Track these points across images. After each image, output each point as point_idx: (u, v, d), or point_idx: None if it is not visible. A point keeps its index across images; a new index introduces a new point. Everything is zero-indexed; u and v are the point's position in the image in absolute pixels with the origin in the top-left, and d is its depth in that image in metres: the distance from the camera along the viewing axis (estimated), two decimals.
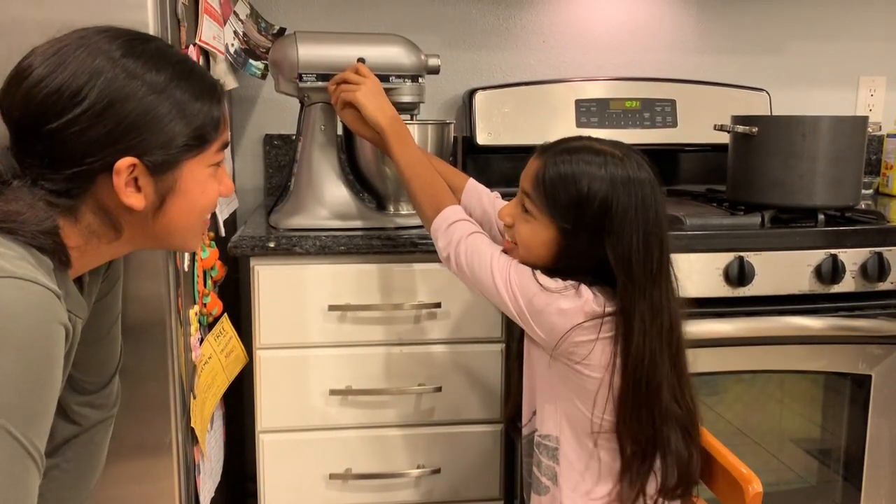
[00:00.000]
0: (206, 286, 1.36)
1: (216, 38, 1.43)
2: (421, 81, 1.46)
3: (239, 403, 1.83)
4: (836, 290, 1.48)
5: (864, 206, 1.66)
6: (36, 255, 0.76)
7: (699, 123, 1.93)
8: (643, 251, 0.99)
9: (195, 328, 1.28)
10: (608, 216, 0.99)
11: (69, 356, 0.89)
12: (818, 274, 1.46)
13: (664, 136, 1.93)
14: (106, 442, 1.09)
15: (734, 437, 1.60)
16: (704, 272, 1.44)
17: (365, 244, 1.40)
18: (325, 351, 1.44)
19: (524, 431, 1.16)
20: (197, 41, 1.31)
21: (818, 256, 1.47)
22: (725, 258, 1.44)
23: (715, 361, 1.48)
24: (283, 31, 1.81)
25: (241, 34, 1.65)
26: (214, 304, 1.40)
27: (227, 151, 1.04)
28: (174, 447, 1.19)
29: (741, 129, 1.57)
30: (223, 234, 1.49)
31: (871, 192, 2.03)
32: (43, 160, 0.78)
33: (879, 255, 1.47)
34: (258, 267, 1.40)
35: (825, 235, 1.49)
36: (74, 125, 0.77)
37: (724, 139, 1.67)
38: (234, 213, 1.75)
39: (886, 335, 1.50)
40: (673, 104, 1.95)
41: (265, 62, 1.71)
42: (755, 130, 1.55)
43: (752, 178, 1.58)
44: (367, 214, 1.47)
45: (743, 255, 1.43)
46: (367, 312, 1.42)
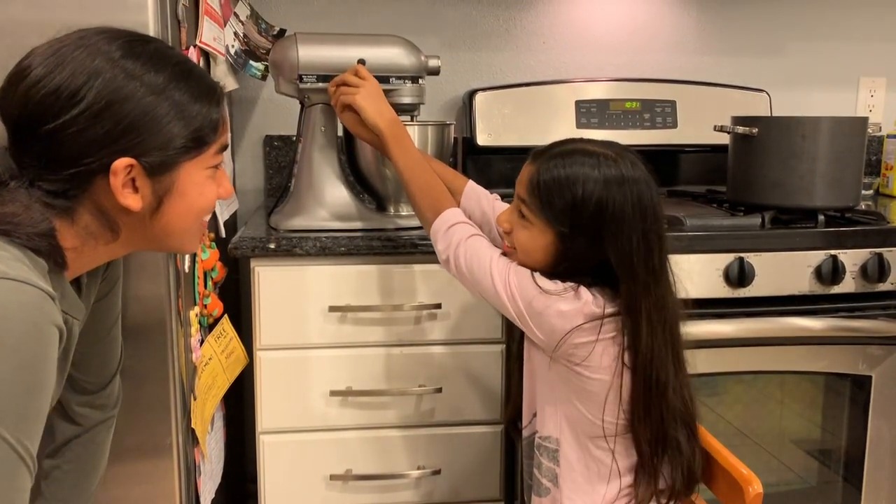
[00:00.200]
0: (206, 287, 1.36)
1: (216, 39, 1.43)
2: (421, 82, 1.46)
3: (239, 404, 1.83)
4: (836, 290, 1.48)
5: (864, 206, 1.66)
6: (31, 256, 0.75)
7: (699, 124, 1.93)
8: (644, 249, 0.99)
9: (195, 329, 1.28)
10: (605, 217, 0.99)
11: (66, 357, 0.89)
12: (818, 275, 1.46)
13: (664, 136, 1.93)
14: (107, 442, 1.09)
15: (734, 437, 1.60)
16: (704, 273, 1.44)
17: (365, 245, 1.40)
18: (325, 352, 1.44)
19: (524, 433, 1.16)
20: (197, 42, 1.31)
21: (818, 257, 1.47)
22: (725, 259, 1.44)
23: (715, 362, 1.48)
24: (283, 32, 1.81)
25: (241, 35, 1.66)
26: (215, 305, 1.40)
27: (227, 152, 1.04)
28: (175, 448, 1.19)
29: (741, 129, 1.57)
30: (224, 235, 1.49)
31: (871, 192, 2.03)
32: (41, 161, 0.78)
33: (879, 255, 1.47)
34: (258, 268, 1.40)
35: (825, 236, 1.48)
36: (72, 126, 0.77)
37: (724, 140, 1.67)
38: (234, 214, 1.75)
39: (887, 336, 1.50)
40: (673, 105, 1.95)
41: (265, 63, 1.71)
42: (755, 131, 1.55)
43: (752, 178, 1.58)
44: (367, 215, 1.47)
45: (743, 255, 1.43)
46: (367, 313, 1.42)
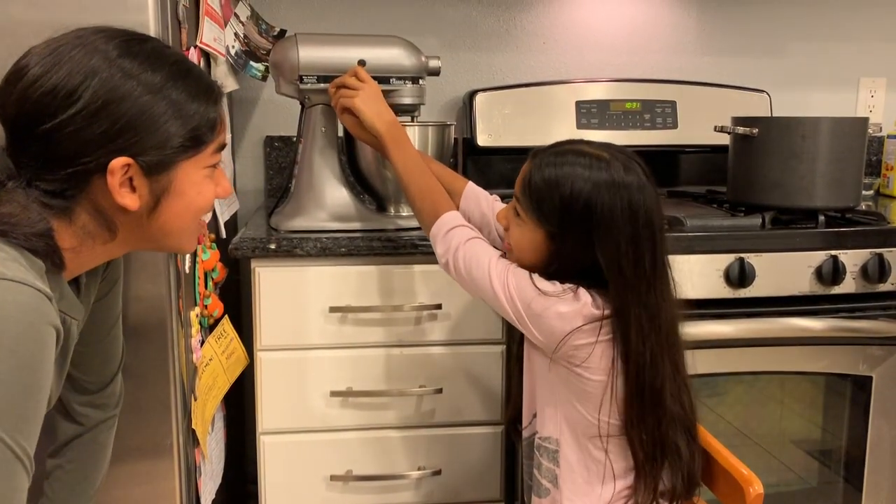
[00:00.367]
0: (206, 288, 1.36)
1: (217, 39, 1.43)
2: (421, 83, 1.46)
3: (240, 405, 1.83)
4: (836, 291, 1.48)
5: (864, 207, 1.66)
6: (28, 257, 0.75)
7: (699, 124, 1.93)
8: (632, 254, 0.98)
9: (196, 330, 1.28)
10: (593, 219, 0.99)
11: (65, 357, 0.89)
12: (819, 275, 1.46)
13: (664, 137, 1.93)
14: (109, 442, 1.09)
15: (735, 438, 1.60)
16: (705, 273, 1.44)
17: (365, 246, 1.40)
18: (325, 352, 1.44)
19: (524, 434, 1.16)
20: (198, 43, 1.31)
21: (819, 257, 1.46)
22: (726, 259, 1.44)
23: (715, 363, 1.48)
24: (283, 32, 1.81)
25: (241, 36, 1.66)
26: (215, 305, 1.40)
27: (227, 153, 1.04)
28: (175, 449, 1.19)
29: (741, 130, 1.57)
30: (224, 235, 1.49)
31: (871, 193, 2.03)
32: (38, 160, 0.78)
33: (880, 256, 1.47)
34: (259, 268, 1.40)
35: (826, 237, 1.48)
36: (69, 125, 0.76)
37: (724, 140, 1.67)
38: (234, 214, 1.75)
39: (887, 336, 1.50)
40: (673, 105, 1.95)
41: (266, 64, 1.71)
42: (755, 132, 1.55)
43: (752, 179, 1.58)
44: (367, 216, 1.47)
45: (743, 256, 1.43)
46: (367, 314, 1.42)
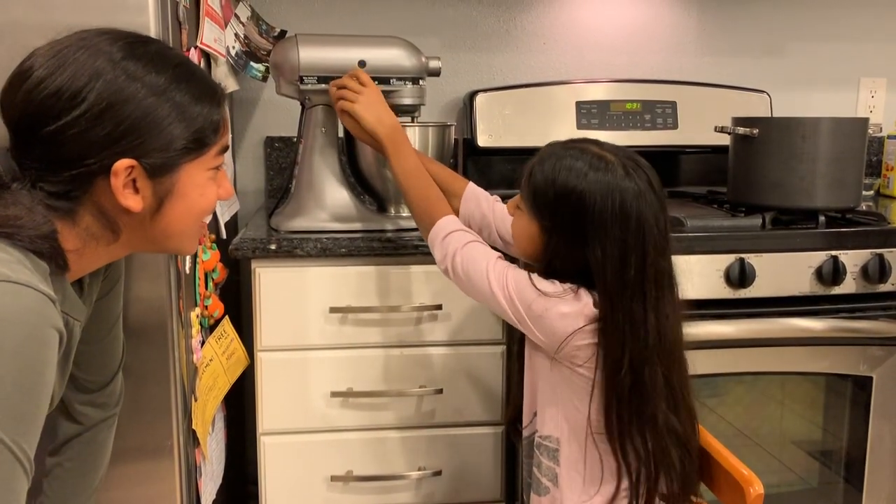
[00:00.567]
0: (207, 288, 1.36)
1: (217, 40, 1.43)
2: (422, 83, 1.46)
3: (240, 405, 1.83)
4: (836, 291, 1.48)
5: (864, 207, 1.66)
6: (33, 259, 0.75)
7: (700, 125, 1.93)
8: (618, 259, 0.97)
9: (196, 330, 1.28)
10: (584, 218, 0.98)
11: (67, 359, 0.89)
12: (819, 275, 1.46)
13: (665, 137, 1.93)
14: (109, 441, 1.09)
15: (735, 438, 1.60)
16: (705, 274, 1.44)
17: (366, 246, 1.40)
18: (326, 353, 1.44)
19: (525, 433, 1.16)
20: (198, 44, 1.31)
21: (819, 258, 1.46)
22: (726, 260, 1.44)
23: (716, 363, 1.48)
24: (283, 33, 1.81)
25: (242, 37, 1.66)
26: (216, 306, 1.40)
27: (228, 154, 1.04)
28: (175, 449, 1.19)
29: (742, 130, 1.57)
30: (224, 236, 1.49)
31: (871, 193, 2.03)
32: (42, 162, 0.78)
33: (880, 256, 1.47)
34: (259, 269, 1.40)
35: (826, 237, 1.48)
36: (73, 127, 0.77)
37: (724, 141, 1.67)
38: (235, 215, 1.75)
39: (887, 336, 1.50)
40: (673, 106, 1.95)
41: (266, 64, 1.71)
42: (756, 132, 1.55)
43: (752, 179, 1.58)
44: (367, 216, 1.47)
45: (744, 256, 1.43)
46: (368, 314, 1.42)
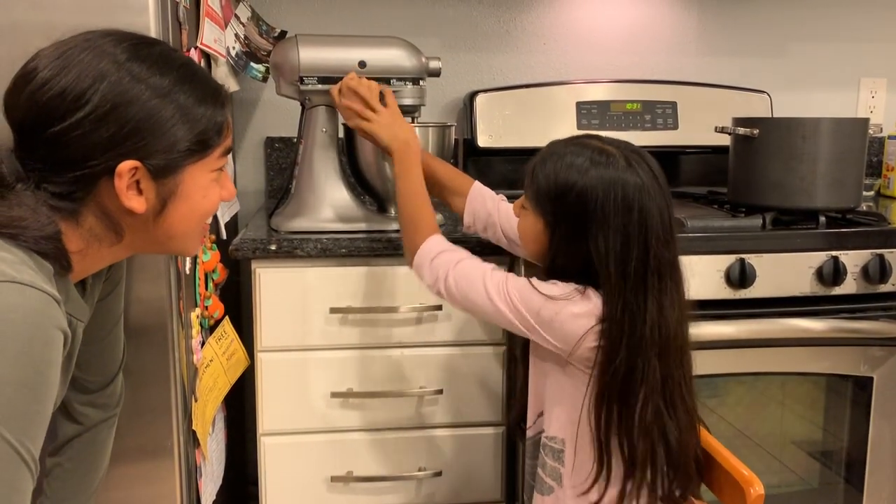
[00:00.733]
0: (207, 289, 1.36)
1: (217, 41, 1.43)
2: (422, 84, 1.46)
3: (240, 406, 1.83)
4: (837, 291, 1.48)
5: (865, 207, 1.66)
6: (37, 259, 0.76)
7: (700, 125, 1.93)
8: (620, 252, 0.97)
9: (197, 331, 1.28)
10: (587, 211, 0.98)
11: (70, 360, 0.89)
12: (819, 276, 1.46)
13: (665, 138, 1.93)
14: (109, 442, 1.09)
15: (735, 439, 1.60)
16: (705, 274, 1.43)
17: (366, 247, 1.40)
18: (326, 353, 1.44)
19: (529, 433, 1.16)
20: (198, 44, 1.31)
21: (819, 258, 1.46)
22: (727, 260, 1.44)
23: (716, 363, 1.48)
24: (284, 33, 1.81)
25: (242, 37, 1.66)
26: (216, 306, 1.40)
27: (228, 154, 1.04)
28: (175, 450, 1.19)
29: (742, 131, 1.57)
30: (225, 236, 1.49)
31: (872, 193, 2.03)
32: (46, 163, 0.78)
33: (881, 256, 1.47)
34: (259, 269, 1.40)
35: (826, 237, 1.48)
36: (78, 128, 0.77)
37: (725, 141, 1.67)
38: (235, 215, 1.75)
39: (888, 337, 1.50)
40: (674, 106, 1.95)
41: (266, 65, 1.71)
42: (756, 132, 1.55)
43: (752, 180, 1.58)
44: (368, 217, 1.47)
45: (744, 256, 1.43)
46: (368, 315, 1.42)
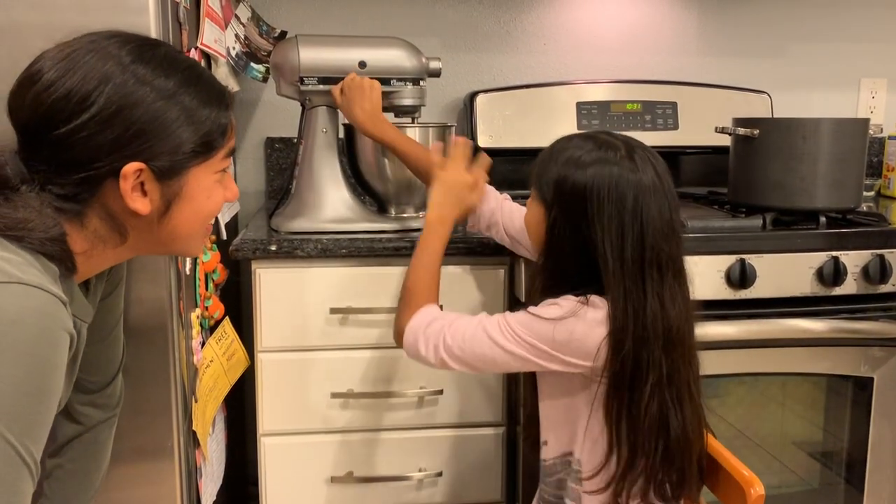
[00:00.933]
0: (207, 289, 1.36)
1: (217, 41, 1.43)
2: (422, 84, 1.46)
3: (240, 406, 1.83)
4: (837, 292, 1.48)
5: (865, 208, 1.66)
6: (43, 261, 0.76)
7: (700, 126, 1.93)
8: (617, 241, 0.97)
9: (197, 331, 1.28)
10: (586, 200, 0.98)
11: (75, 361, 0.89)
12: (820, 276, 1.46)
13: (665, 138, 1.93)
14: (109, 442, 1.09)
15: (736, 439, 1.59)
16: (706, 274, 1.43)
17: (366, 247, 1.40)
18: (326, 354, 1.44)
19: (545, 455, 1.12)
20: (198, 44, 1.31)
21: (820, 259, 1.46)
22: (727, 260, 1.43)
23: (717, 364, 1.48)
24: (284, 34, 1.81)
25: (242, 37, 1.66)
26: (216, 307, 1.40)
27: None
28: (176, 450, 1.19)
29: (742, 131, 1.57)
30: (225, 237, 1.49)
31: (872, 194, 2.03)
32: (51, 165, 0.78)
33: (881, 257, 1.47)
34: (260, 270, 1.40)
35: (827, 238, 1.48)
36: (83, 130, 0.77)
37: (725, 141, 1.67)
38: (235, 216, 1.75)
39: (888, 337, 1.50)
40: (674, 106, 1.95)
41: (266, 65, 1.71)
42: (756, 133, 1.55)
43: (753, 180, 1.58)
44: (368, 217, 1.47)
45: (744, 257, 1.43)
46: (368, 315, 1.42)
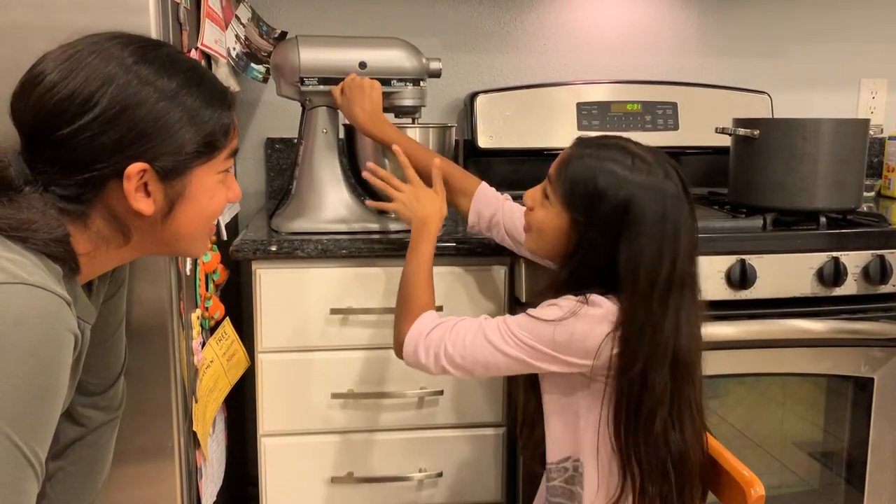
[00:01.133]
0: (208, 290, 1.36)
1: (218, 42, 1.43)
2: (422, 85, 1.46)
3: (241, 407, 1.83)
4: (838, 292, 1.48)
5: (865, 208, 1.66)
6: (47, 262, 0.76)
7: (701, 126, 1.93)
8: (651, 262, 0.97)
9: (197, 332, 1.28)
10: (626, 218, 0.97)
11: (78, 362, 0.89)
12: (820, 276, 1.46)
13: (666, 138, 1.93)
14: (111, 444, 1.09)
15: (736, 440, 1.59)
16: (706, 275, 1.43)
17: (367, 247, 1.40)
18: (326, 354, 1.43)
19: (547, 459, 1.12)
20: (199, 45, 1.31)
21: (820, 259, 1.46)
22: (727, 261, 1.44)
23: (717, 364, 1.48)
24: (284, 34, 1.81)
25: (242, 38, 1.66)
26: (216, 307, 1.40)
27: None
28: (176, 451, 1.19)
29: (742, 131, 1.57)
30: (225, 237, 1.49)
31: (872, 194, 2.02)
32: (54, 166, 0.78)
33: (881, 257, 1.47)
34: (260, 270, 1.40)
35: (827, 238, 1.48)
36: (86, 131, 0.77)
37: (725, 142, 1.67)
38: (235, 216, 1.75)
39: (889, 338, 1.50)
40: (674, 107, 1.95)
41: (267, 66, 1.71)
42: (756, 133, 1.55)
43: (753, 180, 1.58)
44: (368, 217, 1.47)
45: (745, 257, 1.43)
46: (368, 316, 1.42)
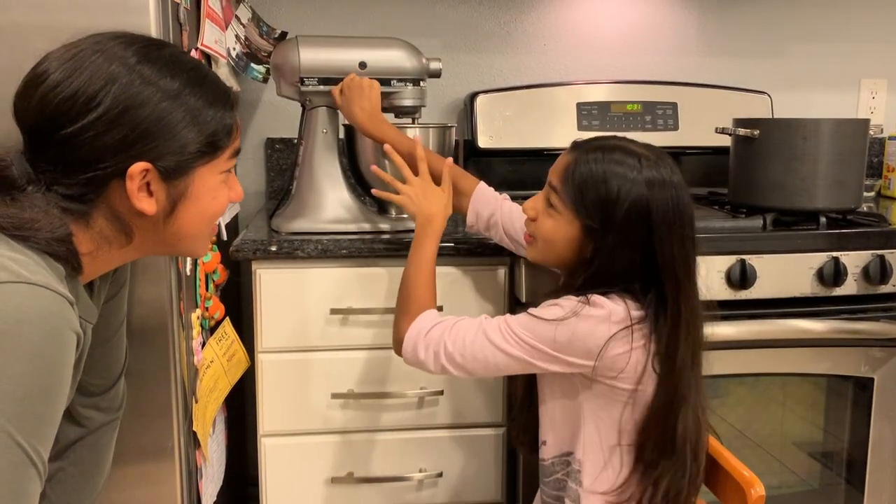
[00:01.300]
0: (208, 290, 1.36)
1: (218, 42, 1.43)
2: (422, 85, 1.46)
3: (241, 407, 1.83)
4: (838, 292, 1.48)
5: (865, 208, 1.66)
6: (49, 261, 0.76)
7: (701, 126, 1.93)
8: (682, 254, 0.97)
9: (197, 332, 1.28)
10: (650, 219, 0.97)
11: (80, 362, 0.89)
12: (820, 277, 1.46)
13: (665, 138, 1.93)
14: (112, 444, 1.09)
15: (736, 440, 1.59)
16: (706, 275, 1.43)
17: (367, 247, 1.40)
18: (327, 354, 1.44)
19: (543, 455, 1.13)
20: (199, 45, 1.31)
21: (820, 259, 1.46)
22: (727, 261, 1.44)
23: (717, 364, 1.47)
24: (284, 34, 1.81)
25: (242, 38, 1.66)
26: (216, 307, 1.40)
27: None
28: (176, 451, 1.19)
29: (742, 131, 1.57)
30: (225, 237, 1.49)
31: (872, 194, 2.02)
32: (57, 165, 0.78)
33: (881, 257, 1.47)
34: (260, 270, 1.40)
35: (827, 238, 1.48)
36: (89, 131, 0.77)
37: (725, 142, 1.67)
38: (236, 216, 1.75)
39: (889, 338, 1.50)
40: (674, 107, 1.95)
41: (267, 66, 1.71)
42: (756, 133, 1.55)
43: (753, 180, 1.58)
44: (368, 217, 1.47)
45: (745, 257, 1.43)
46: (369, 316, 1.42)
